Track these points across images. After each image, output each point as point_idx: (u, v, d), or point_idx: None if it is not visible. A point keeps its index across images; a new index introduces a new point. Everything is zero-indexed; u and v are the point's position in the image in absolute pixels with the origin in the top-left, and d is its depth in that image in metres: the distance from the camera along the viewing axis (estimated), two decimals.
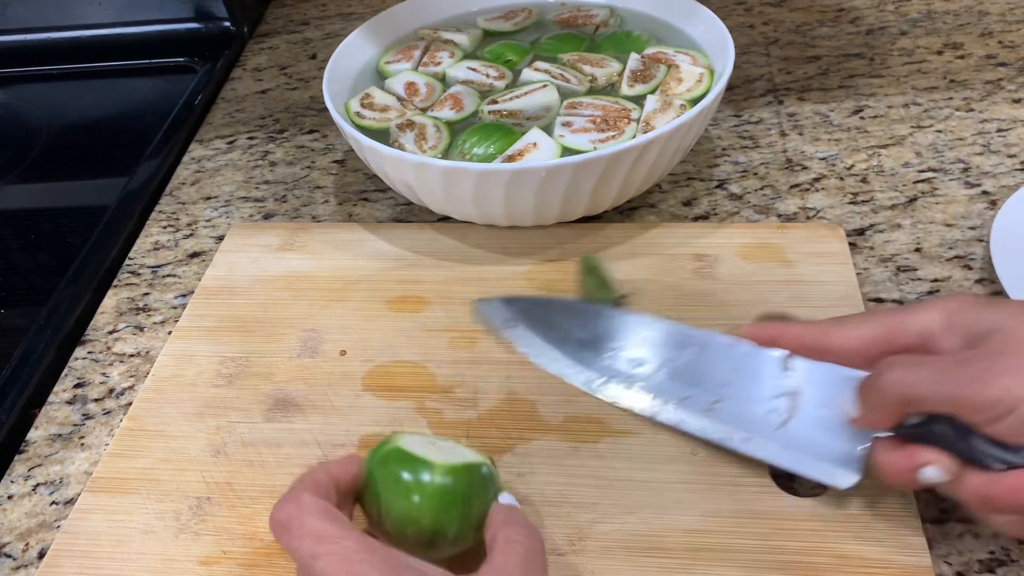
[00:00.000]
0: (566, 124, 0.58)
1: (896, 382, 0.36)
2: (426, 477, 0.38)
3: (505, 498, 0.40)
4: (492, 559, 0.36)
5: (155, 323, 0.58)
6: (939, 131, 0.66)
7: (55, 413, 0.53)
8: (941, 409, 0.36)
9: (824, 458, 0.41)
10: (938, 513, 0.42)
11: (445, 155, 0.58)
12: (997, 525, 0.37)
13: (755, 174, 0.64)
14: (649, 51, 0.65)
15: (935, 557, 0.41)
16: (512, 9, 0.72)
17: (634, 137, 0.55)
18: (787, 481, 0.44)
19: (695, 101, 0.59)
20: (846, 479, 0.40)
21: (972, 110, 0.67)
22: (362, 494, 0.40)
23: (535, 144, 0.56)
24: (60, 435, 0.52)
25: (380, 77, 0.67)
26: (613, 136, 0.57)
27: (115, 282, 0.62)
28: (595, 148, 0.55)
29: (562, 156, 0.55)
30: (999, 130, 0.65)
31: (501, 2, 0.73)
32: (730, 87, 0.72)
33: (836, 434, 0.41)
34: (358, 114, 0.62)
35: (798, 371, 0.43)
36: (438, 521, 0.38)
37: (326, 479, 0.38)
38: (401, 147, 0.57)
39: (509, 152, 0.56)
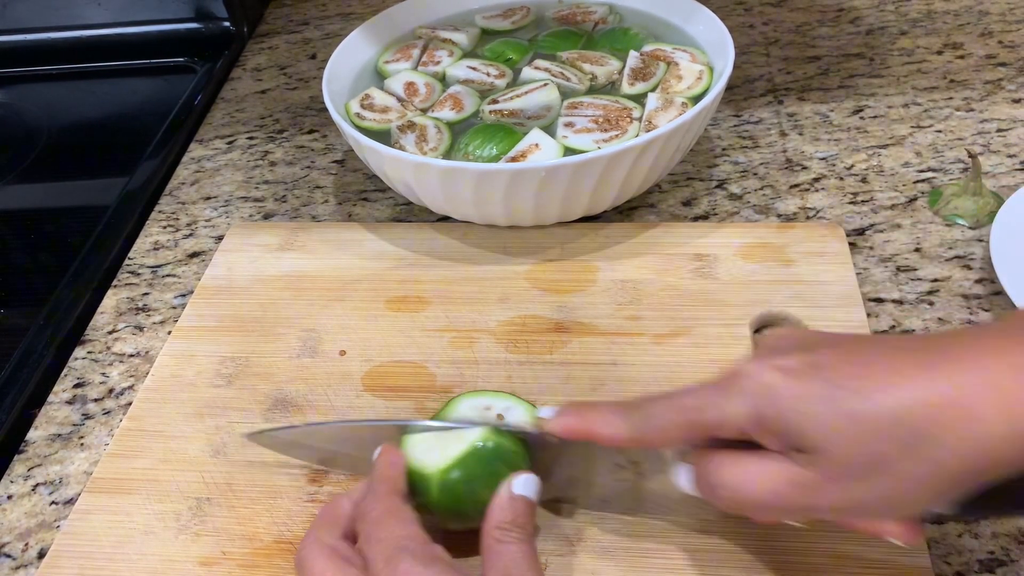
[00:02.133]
0: (568, 125, 0.58)
1: (729, 499, 0.35)
2: (428, 485, 0.39)
3: (519, 486, 0.39)
4: (495, 561, 0.36)
5: (155, 323, 0.58)
6: (939, 131, 0.66)
7: (55, 413, 0.53)
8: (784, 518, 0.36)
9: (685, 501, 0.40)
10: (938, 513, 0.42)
11: (447, 156, 0.58)
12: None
13: (755, 174, 0.64)
14: (647, 48, 0.65)
15: (935, 557, 0.41)
16: (510, 7, 0.72)
17: (637, 136, 0.55)
18: None
19: (696, 99, 0.59)
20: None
21: (972, 110, 0.67)
22: None
23: (537, 145, 0.56)
24: (60, 435, 0.52)
25: (379, 77, 0.67)
26: (616, 135, 0.57)
27: (115, 282, 0.62)
28: (599, 147, 0.55)
29: (565, 156, 0.55)
30: (999, 130, 0.65)
31: (499, 0, 0.73)
32: (730, 87, 0.72)
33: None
34: (358, 115, 0.62)
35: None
36: (455, 510, 0.40)
37: (347, 509, 0.39)
38: (402, 148, 0.57)
39: (512, 153, 0.56)
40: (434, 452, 0.40)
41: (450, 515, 0.40)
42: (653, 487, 0.41)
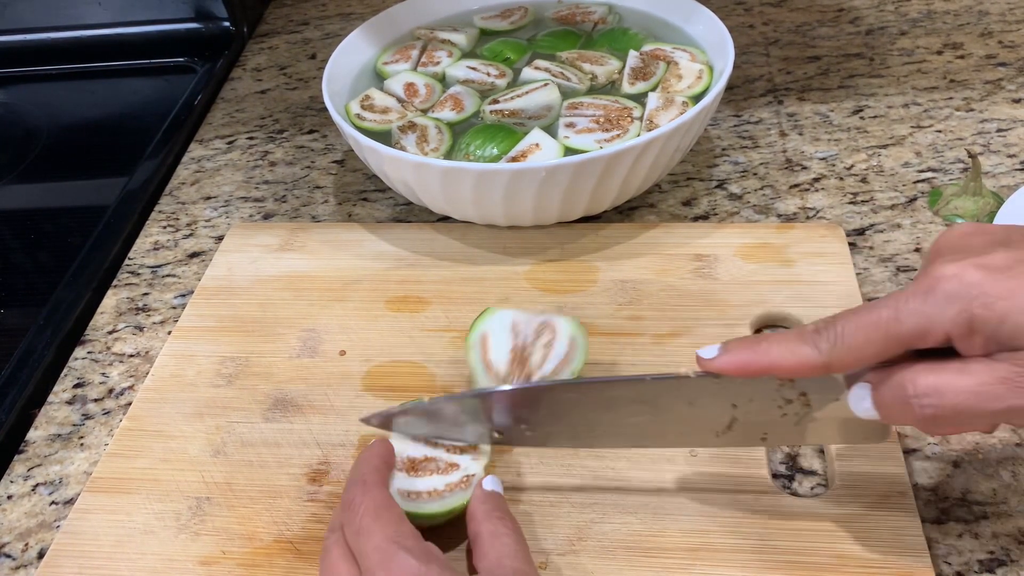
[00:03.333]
0: (570, 125, 0.58)
1: (929, 408, 0.33)
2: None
3: (489, 483, 0.41)
4: (485, 555, 0.37)
5: (155, 323, 0.58)
6: (939, 131, 0.66)
7: (55, 413, 0.53)
8: (984, 425, 0.34)
9: (851, 429, 0.39)
10: (938, 513, 0.42)
11: (448, 157, 0.58)
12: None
13: (755, 174, 0.64)
14: (647, 48, 0.65)
15: (935, 557, 0.41)
16: (508, 8, 0.72)
17: (639, 135, 0.55)
18: (787, 481, 0.44)
19: (697, 98, 0.59)
20: (879, 437, 0.39)
21: (972, 110, 0.67)
22: None
23: (538, 145, 0.56)
24: (60, 435, 0.52)
25: (378, 78, 0.67)
26: (618, 135, 0.57)
27: (115, 282, 0.62)
28: (601, 147, 0.55)
29: (566, 156, 0.55)
30: (999, 130, 0.65)
31: (498, 0, 0.73)
32: (730, 87, 0.72)
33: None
34: (358, 116, 0.62)
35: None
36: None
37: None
38: (403, 149, 0.57)
39: (512, 153, 0.56)
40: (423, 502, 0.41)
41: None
42: (820, 416, 0.38)
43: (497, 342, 0.47)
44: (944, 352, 0.33)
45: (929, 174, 0.62)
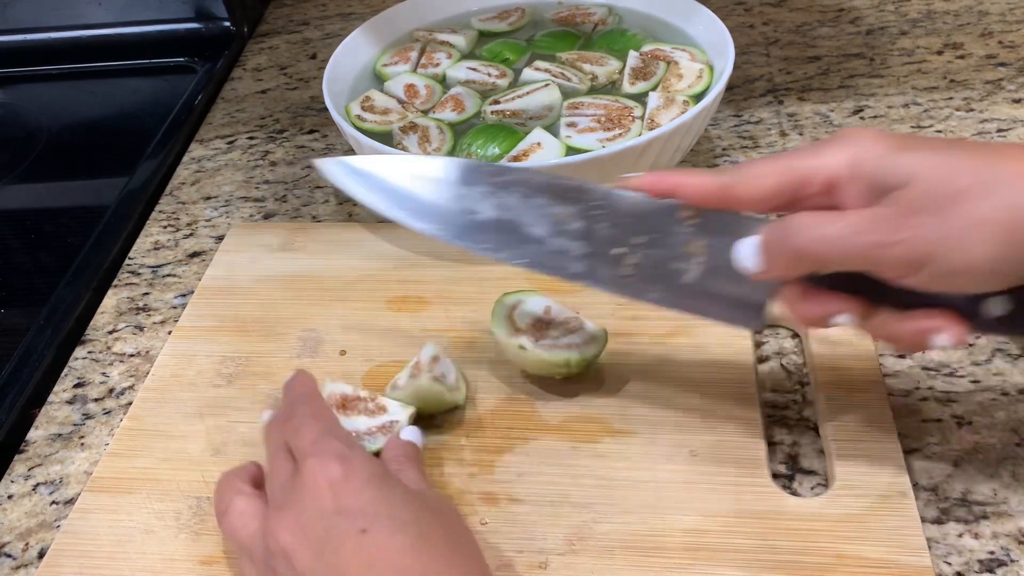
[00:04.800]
0: (571, 125, 0.58)
1: (805, 242, 0.35)
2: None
3: (407, 433, 0.44)
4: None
5: (155, 323, 0.58)
6: (939, 131, 0.66)
7: (55, 413, 0.53)
8: (851, 267, 0.36)
9: (733, 306, 0.41)
10: (938, 513, 0.42)
11: (450, 156, 0.58)
12: (899, 349, 0.39)
13: None
14: (647, 48, 0.65)
15: (935, 557, 0.41)
16: (506, 9, 0.72)
17: (640, 134, 0.55)
18: (787, 481, 0.44)
19: (697, 97, 0.59)
20: (754, 324, 0.41)
21: (972, 110, 0.67)
22: None
23: (540, 144, 0.56)
24: (60, 435, 0.52)
25: (378, 79, 0.67)
26: (620, 134, 0.57)
27: (115, 282, 0.62)
28: (603, 147, 0.55)
29: (567, 156, 0.55)
30: (999, 130, 0.65)
31: (497, 2, 0.73)
32: (730, 87, 0.72)
33: (743, 282, 0.40)
34: (359, 117, 0.62)
35: (698, 221, 0.40)
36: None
37: (251, 467, 0.43)
38: (405, 149, 0.57)
39: (514, 153, 0.56)
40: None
41: None
42: (710, 271, 0.40)
43: (525, 311, 0.50)
44: None
45: None
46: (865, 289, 0.37)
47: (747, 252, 0.38)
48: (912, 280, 0.34)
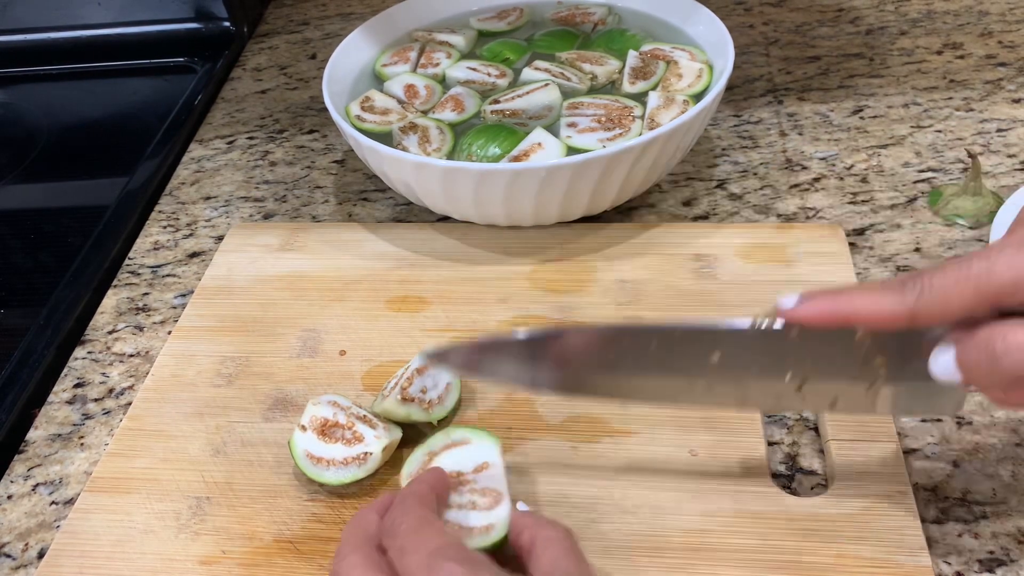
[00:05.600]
0: (572, 124, 0.58)
1: (1018, 363, 0.31)
2: None
3: (522, 506, 0.40)
4: (539, 559, 0.36)
5: (155, 323, 0.58)
6: (939, 131, 0.66)
7: (55, 413, 0.53)
8: None
9: (926, 400, 0.38)
10: (938, 513, 0.42)
11: (450, 157, 0.58)
12: None
13: (755, 174, 0.64)
14: (646, 48, 0.65)
15: (935, 557, 0.41)
16: (504, 9, 0.72)
17: (641, 134, 0.55)
18: (787, 481, 0.44)
19: (697, 96, 0.59)
20: (952, 410, 0.38)
21: (972, 110, 0.67)
22: None
23: (540, 144, 0.56)
24: (60, 435, 0.52)
25: (377, 80, 0.67)
26: (620, 134, 0.57)
27: (115, 282, 0.62)
28: (603, 146, 0.55)
29: (568, 156, 0.55)
30: (999, 130, 0.65)
31: (497, 1, 0.73)
32: (730, 87, 0.72)
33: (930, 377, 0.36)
34: (359, 117, 0.62)
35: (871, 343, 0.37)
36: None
37: (375, 521, 0.39)
38: (405, 150, 0.57)
39: (515, 153, 0.56)
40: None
41: None
42: (897, 379, 0.37)
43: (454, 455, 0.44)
44: None
45: (929, 174, 0.62)
46: None
47: (944, 366, 0.34)
48: None
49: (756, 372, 0.38)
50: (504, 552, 0.39)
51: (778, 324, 0.37)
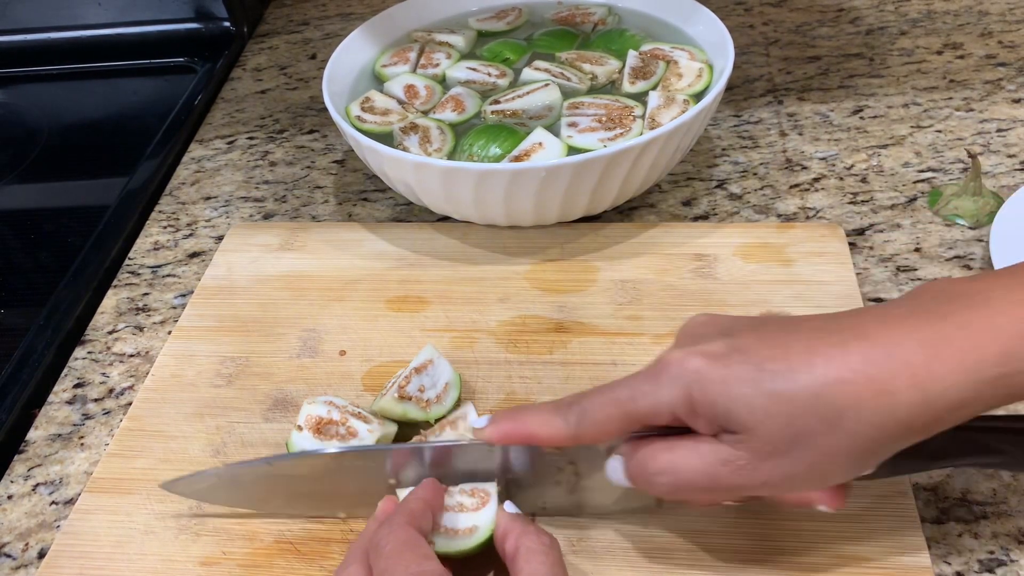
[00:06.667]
0: (572, 124, 0.58)
1: (667, 481, 0.36)
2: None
3: (509, 507, 0.40)
4: (520, 570, 0.37)
5: (155, 323, 0.58)
6: (939, 131, 0.66)
7: (55, 413, 0.53)
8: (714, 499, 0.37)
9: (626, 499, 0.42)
10: (938, 513, 0.42)
11: (451, 157, 0.58)
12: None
13: (755, 174, 0.64)
14: (646, 48, 0.65)
15: (935, 557, 0.41)
16: (503, 9, 0.72)
17: (641, 134, 0.55)
18: None
19: (697, 96, 0.59)
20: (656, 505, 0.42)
21: (972, 110, 0.67)
22: None
23: (541, 144, 0.56)
24: (60, 435, 0.52)
25: (377, 80, 0.67)
26: (621, 134, 0.57)
27: (115, 282, 0.62)
28: (604, 146, 0.55)
29: (569, 156, 0.55)
30: (999, 130, 0.65)
31: (496, 1, 0.73)
32: (730, 87, 0.72)
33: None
34: (359, 118, 0.62)
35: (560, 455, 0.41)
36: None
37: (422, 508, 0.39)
38: (406, 150, 0.57)
39: (515, 153, 0.56)
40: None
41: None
42: (590, 485, 0.41)
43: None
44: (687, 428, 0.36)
45: (929, 174, 0.62)
46: None
47: (615, 471, 0.38)
48: (782, 496, 0.36)
49: (467, 480, 0.42)
50: (494, 552, 0.40)
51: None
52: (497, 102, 0.61)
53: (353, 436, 0.45)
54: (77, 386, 0.55)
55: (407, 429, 0.46)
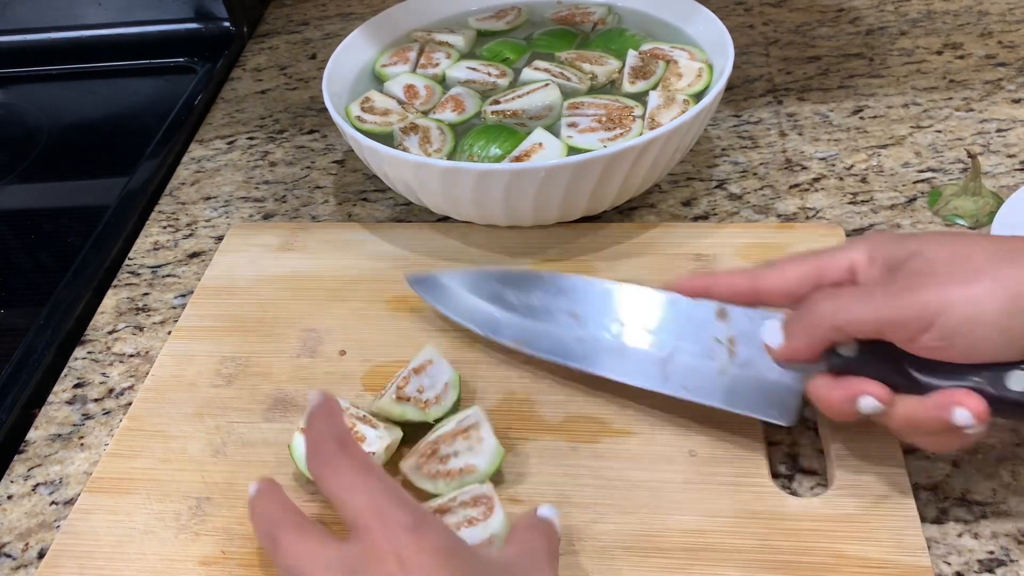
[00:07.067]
0: (572, 124, 0.58)
1: (823, 309, 0.39)
2: None
3: (545, 510, 0.40)
4: (510, 543, 0.38)
5: (155, 323, 0.58)
6: (939, 131, 0.66)
7: (55, 413, 0.53)
8: (867, 331, 0.38)
9: (766, 400, 0.43)
10: (938, 513, 0.42)
11: (451, 157, 0.58)
12: (925, 445, 0.41)
13: (755, 174, 0.64)
14: (645, 47, 0.65)
15: (935, 557, 0.41)
16: (502, 9, 0.72)
17: (641, 134, 0.55)
18: (787, 481, 0.44)
19: (697, 96, 0.59)
20: (788, 418, 0.43)
21: (972, 110, 0.67)
22: None
23: (541, 144, 0.56)
24: (60, 435, 0.52)
25: (377, 80, 0.67)
26: (621, 133, 0.57)
27: (115, 282, 0.62)
28: (604, 146, 0.55)
29: (569, 156, 0.55)
30: (999, 130, 0.65)
31: (496, 1, 0.73)
32: (730, 87, 0.72)
33: (776, 376, 0.43)
34: (359, 118, 0.62)
35: (733, 319, 0.44)
36: None
37: None
38: (406, 150, 0.57)
39: (516, 153, 0.56)
40: None
41: None
42: (741, 366, 0.44)
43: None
44: None
45: (929, 174, 0.62)
46: (890, 381, 0.38)
47: (771, 330, 0.42)
48: (924, 340, 0.36)
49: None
50: None
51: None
52: (497, 102, 0.61)
53: (361, 441, 0.45)
54: (77, 386, 0.55)
55: (409, 431, 0.46)
